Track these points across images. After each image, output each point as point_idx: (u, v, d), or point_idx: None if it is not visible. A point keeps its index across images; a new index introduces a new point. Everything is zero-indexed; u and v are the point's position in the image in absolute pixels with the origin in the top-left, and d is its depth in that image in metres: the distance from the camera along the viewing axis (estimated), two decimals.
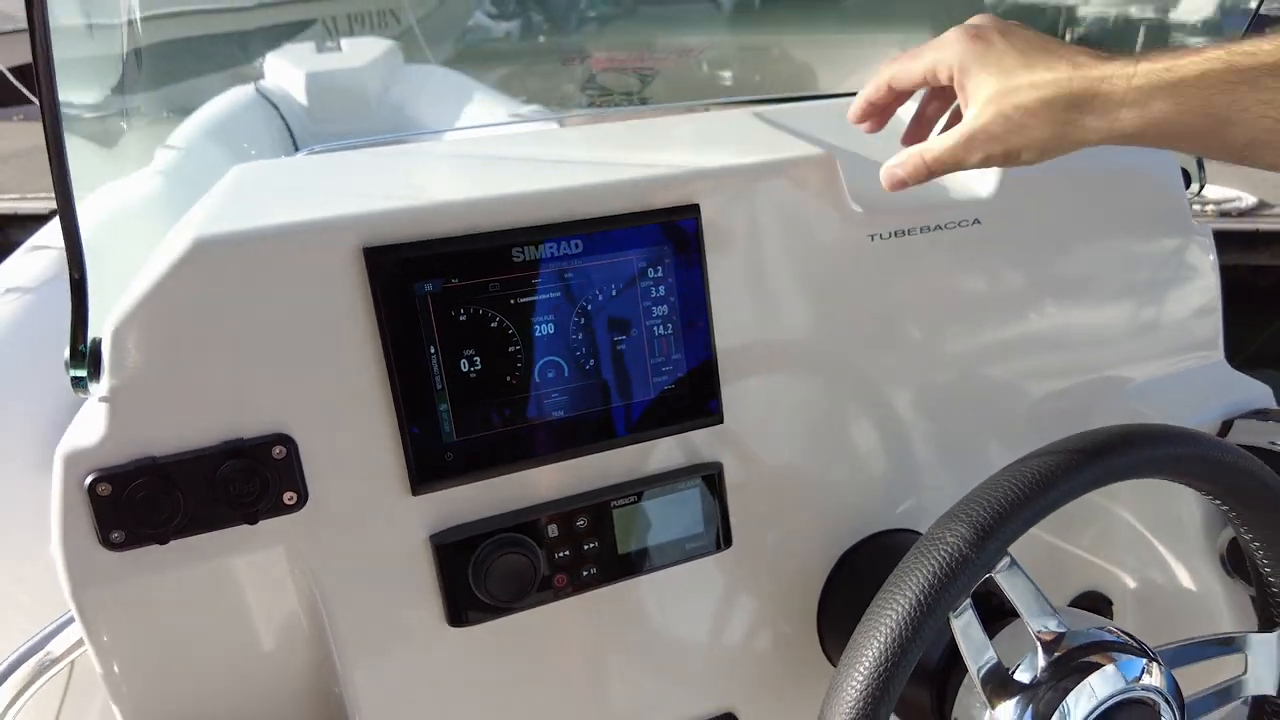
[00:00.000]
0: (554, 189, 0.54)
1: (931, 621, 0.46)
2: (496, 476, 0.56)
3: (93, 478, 0.49)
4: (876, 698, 0.45)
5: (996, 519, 0.47)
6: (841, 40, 1.46)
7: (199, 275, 0.48)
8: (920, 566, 0.47)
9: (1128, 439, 0.51)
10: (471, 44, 9.28)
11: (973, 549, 0.46)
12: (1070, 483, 0.48)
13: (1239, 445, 0.73)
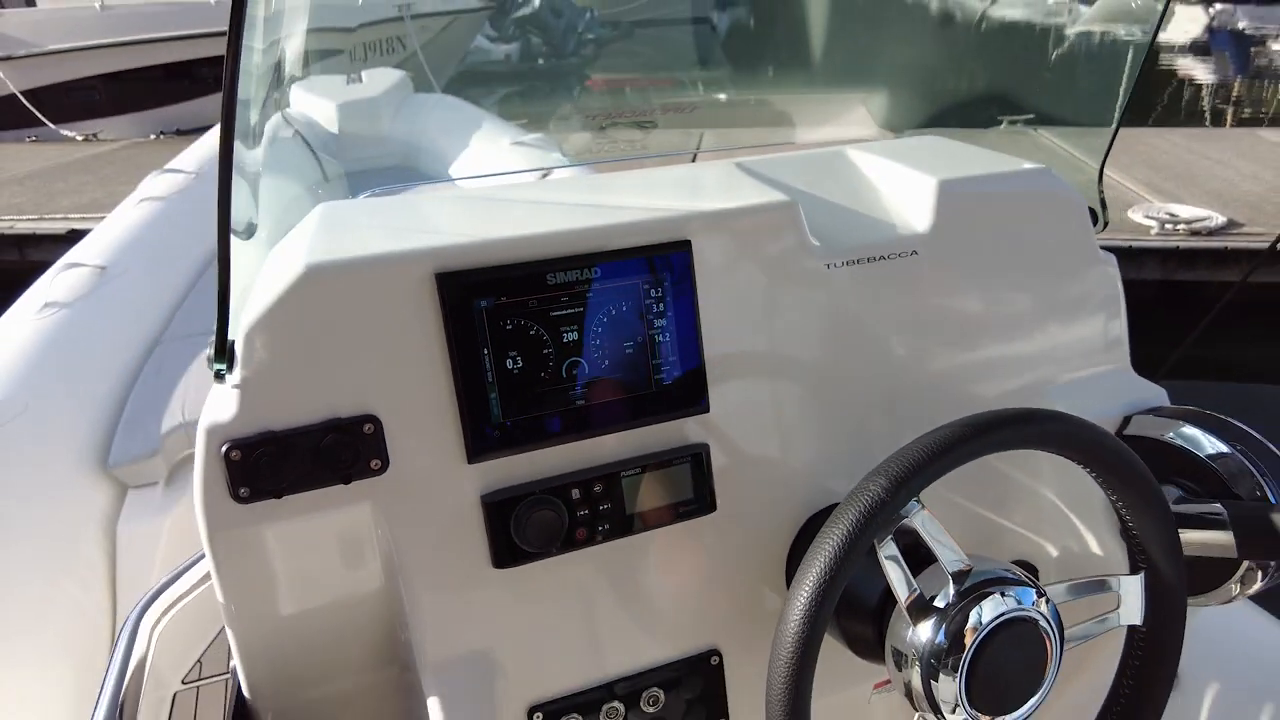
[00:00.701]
0: (578, 229, 0.67)
1: (858, 547, 0.58)
2: (533, 450, 0.68)
3: (226, 446, 0.61)
4: (820, 603, 0.57)
5: (906, 473, 0.59)
6: (810, 96, 1.59)
7: (310, 293, 0.60)
8: (849, 508, 0.59)
9: (1007, 418, 0.63)
10: (473, 66, 9.41)
11: (887, 494, 0.58)
12: (961, 450, 0.60)
13: (1137, 436, 0.85)
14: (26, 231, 4.42)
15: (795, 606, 0.58)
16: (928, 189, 0.79)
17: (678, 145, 4.80)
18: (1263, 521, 0.70)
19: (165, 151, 6.37)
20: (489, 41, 10.00)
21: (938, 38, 1.32)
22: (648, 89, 8.39)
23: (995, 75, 1.38)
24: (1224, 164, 4.90)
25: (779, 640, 0.58)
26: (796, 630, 0.57)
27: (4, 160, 6.00)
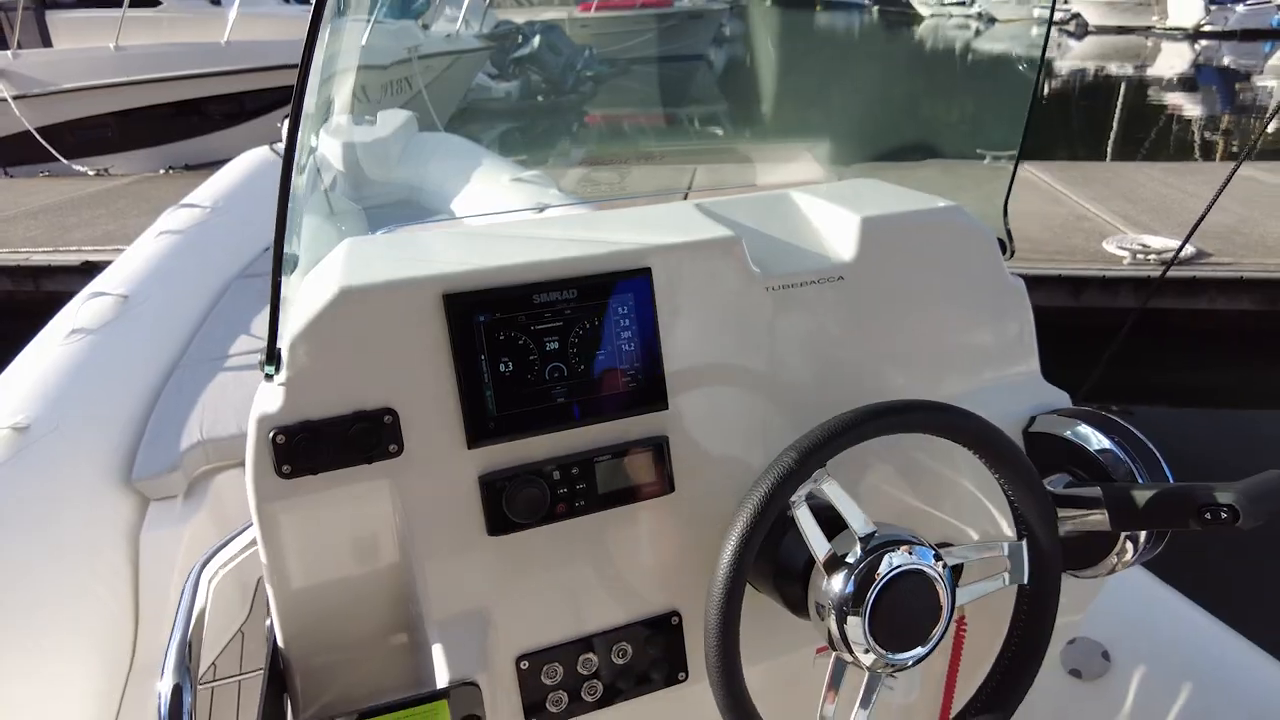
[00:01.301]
0: (558, 258, 0.81)
1: (773, 505, 0.71)
2: (521, 438, 0.81)
3: (273, 432, 0.74)
4: (743, 549, 0.71)
5: (812, 446, 0.72)
6: (768, 145, 1.73)
7: (343, 311, 0.74)
8: (768, 475, 0.72)
9: (898, 406, 0.76)
10: (474, 102, 9.64)
11: (796, 463, 0.71)
12: (857, 430, 0.73)
13: (1039, 432, 0.98)
14: (42, 263, 4.56)
15: (725, 551, 0.71)
16: (853, 224, 0.93)
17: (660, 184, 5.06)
18: (1129, 500, 0.83)
19: (173, 185, 6.57)
20: (489, 79, 10.32)
21: (870, 94, 1.48)
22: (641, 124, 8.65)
23: (925, 122, 1.53)
24: (1197, 197, 5.08)
25: (713, 581, 0.71)
26: (726, 567, 0.71)
27: (19, 194, 6.19)
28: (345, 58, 0.96)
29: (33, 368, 1.91)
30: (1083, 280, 3.88)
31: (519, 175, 2.90)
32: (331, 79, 0.96)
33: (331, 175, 3.27)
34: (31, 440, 1.68)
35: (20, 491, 1.59)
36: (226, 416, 1.85)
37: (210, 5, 7.97)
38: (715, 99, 11.60)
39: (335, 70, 1.02)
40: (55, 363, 1.93)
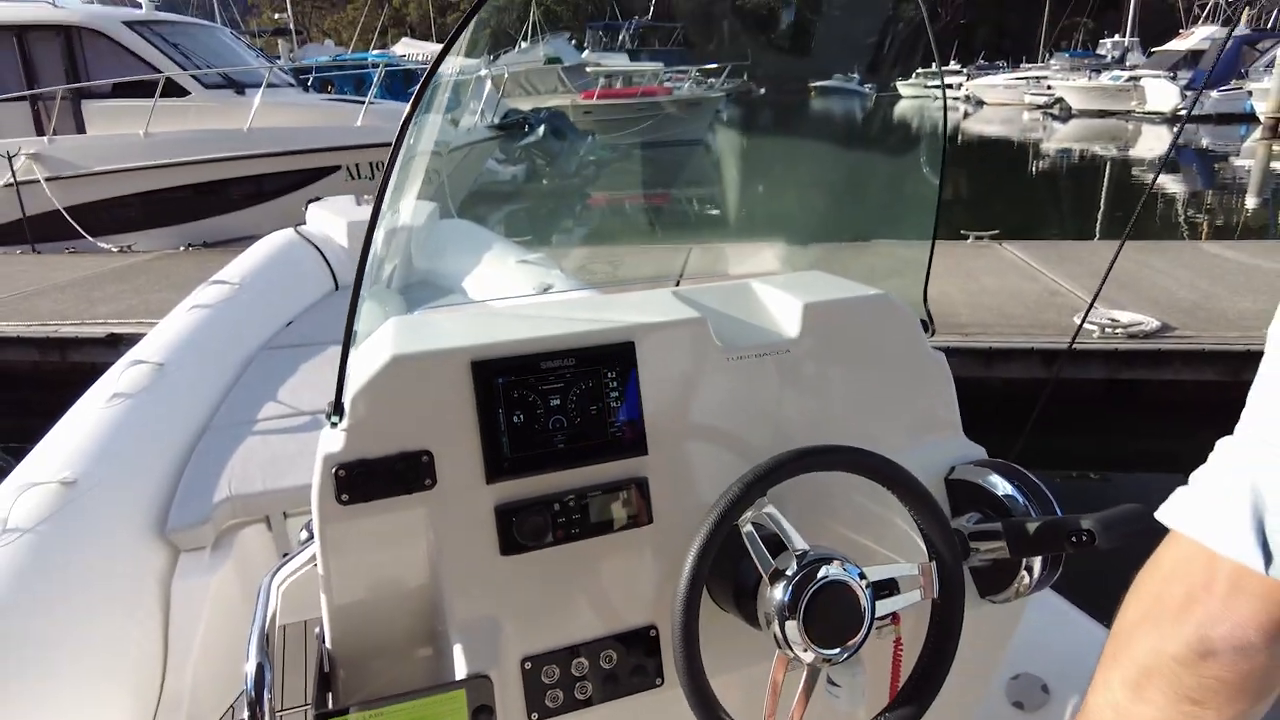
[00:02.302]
0: (560, 334, 1.02)
1: (724, 524, 0.89)
2: (529, 477, 1.00)
3: (336, 467, 0.93)
4: (700, 560, 0.88)
5: (755, 478, 0.91)
6: (736, 244, 1.92)
7: (394, 373, 0.94)
8: (719, 502, 0.90)
9: (825, 449, 0.95)
10: (482, 186, 10.08)
11: (742, 491, 0.90)
12: (792, 466, 0.92)
13: (957, 480, 1.16)
14: (69, 335, 4.79)
15: (686, 563, 0.89)
16: (797, 308, 1.14)
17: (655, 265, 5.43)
18: (1022, 531, 1.01)
19: (192, 262, 6.88)
20: (496, 163, 10.85)
21: (839, 180, 1.71)
22: (640, 206, 9.07)
23: (864, 215, 1.76)
24: (1165, 273, 5.35)
25: (677, 590, 0.89)
26: (687, 577, 0.88)
27: (47, 269, 6.49)
28: (415, 157, 1.17)
29: (79, 427, 2.10)
30: (1053, 352, 4.10)
31: (525, 258, 3.15)
32: (406, 172, 1.17)
33: (330, 251, 3.53)
34: (78, 494, 1.85)
35: (67, 540, 1.76)
36: (252, 476, 2.02)
37: (236, 95, 8.47)
38: (712, 181, 12.15)
39: (409, 167, 1.23)
40: (99, 423, 2.12)
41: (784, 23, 6.32)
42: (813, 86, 14.91)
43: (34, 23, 8.15)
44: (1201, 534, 0.55)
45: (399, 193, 1.04)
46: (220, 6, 40.35)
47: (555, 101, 13.94)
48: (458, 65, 0.98)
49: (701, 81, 16.23)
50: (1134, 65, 33.68)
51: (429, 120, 1.06)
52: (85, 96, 8.12)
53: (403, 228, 3.33)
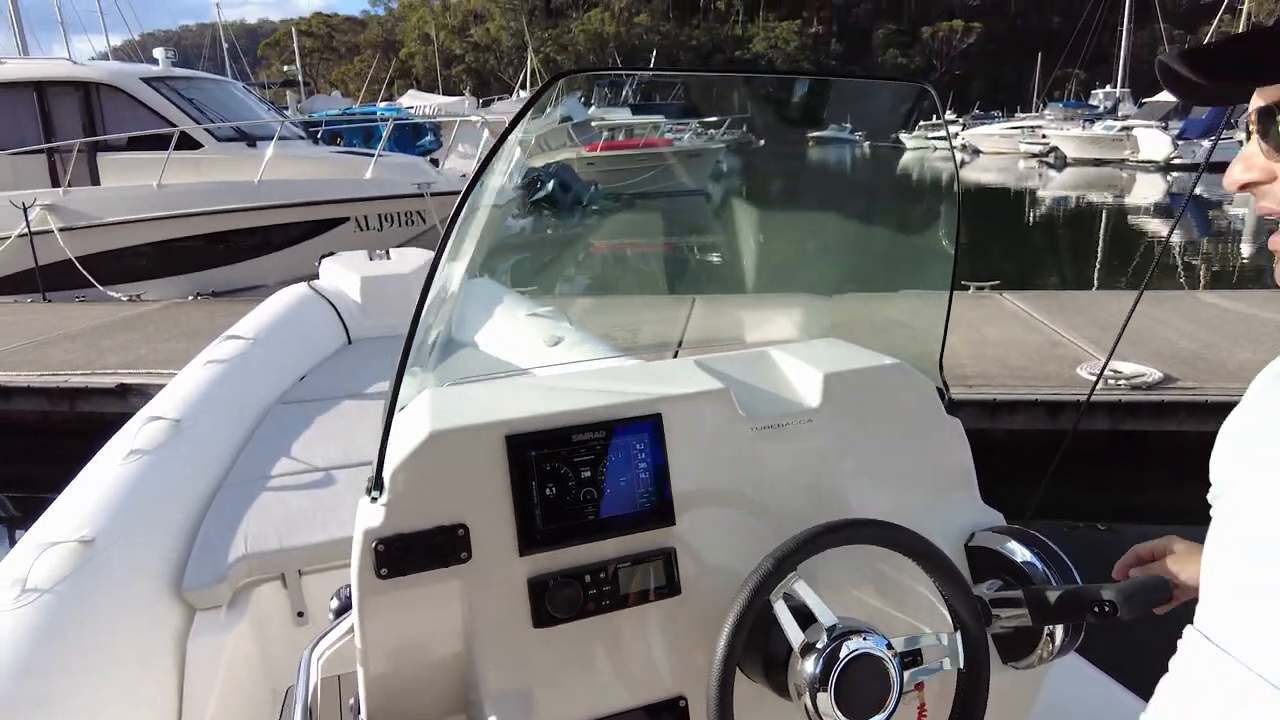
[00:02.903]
0: (591, 406, 1.05)
1: (756, 601, 0.90)
2: (562, 549, 1.02)
3: (375, 542, 0.95)
4: (734, 637, 0.89)
5: (785, 554, 0.93)
6: (752, 312, 1.95)
7: (432, 448, 0.97)
8: (751, 578, 0.92)
9: (851, 523, 0.98)
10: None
11: (773, 568, 0.92)
12: (822, 541, 0.94)
13: (977, 547, 1.18)
14: (79, 385, 4.83)
15: (720, 641, 0.90)
16: (818, 378, 1.17)
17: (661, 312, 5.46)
18: (1044, 600, 1.03)
19: (201, 311, 6.95)
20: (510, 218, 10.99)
21: (849, 231, 1.75)
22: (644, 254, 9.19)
23: (867, 267, 1.80)
24: (1165, 324, 5.40)
25: (712, 666, 0.90)
26: (721, 653, 0.90)
27: (58, 318, 6.56)
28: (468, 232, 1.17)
29: (97, 484, 2.12)
30: (1058, 404, 4.12)
31: (535, 311, 3.21)
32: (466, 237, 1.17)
33: (343, 305, 3.57)
34: (96, 552, 1.87)
35: (85, 600, 1.77)
36: (267, 533, 2.04)
37: (247, 147, 8.65)
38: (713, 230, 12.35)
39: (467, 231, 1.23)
40: (116, 480, 2.14)
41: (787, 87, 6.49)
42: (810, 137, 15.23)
43: (54, 79, 8.38)
44: None
45: (452, 262, 1.07)
46: (230, 59, 41.42)
47: (561, 153, 14.22)
48: (514, 143, 1.01)
49: (702, 133, 16.58)
50: (1125, 115, 34.36)
51: (484, 200, 1.10)
52: (101, 149, 8.30)
53: (449, 298, 3.39)
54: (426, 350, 1.23)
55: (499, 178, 1.09)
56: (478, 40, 64.39)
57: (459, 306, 3.59)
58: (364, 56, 66.07)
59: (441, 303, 1.20)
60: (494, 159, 0.99)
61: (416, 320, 0.98)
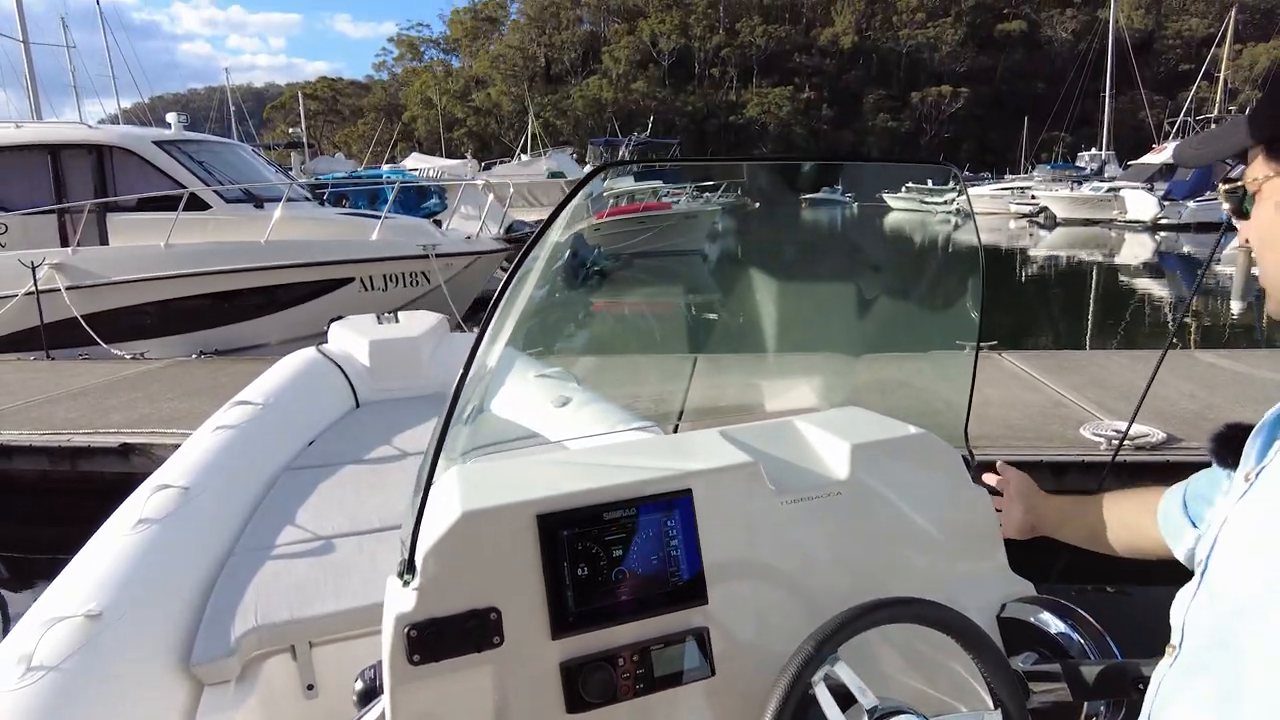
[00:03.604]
0: (623, 483, 1.06)
1: (798, 686, 0.90)
2: (595, 631, 1.01)
3: (408, 628, 0.95)
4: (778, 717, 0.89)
5: (825, 636, 0.93)
6: (772, 381, 1.97)
7: (463, 530, 0.98)
8: (792, 661, 0.92)
9: (889, 601, 0.98)
10: (489, 292, 10.30)
11: (814, 650, 0.92)
12: (860, 623, 0.94)
13: (1009, 618, 1.18)
14: (81, 445, 4.80)
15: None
16: (845, 449, 1.19)
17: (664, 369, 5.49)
18: (1083, 675, 1.03)
19: (204, 370, 6.97)
20: (501, 271, 11.17)
21: (856, 296, 1.78)
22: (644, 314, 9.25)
23: (865, 328, 1.82)
24: (1164, 383, 5.44)
25: None
26: None
27: (61, 376, 6.56)
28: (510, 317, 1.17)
29: (104, 555, 2.10)
30: (1063, 465, 4.13)
31: (542, 372, 3.23)
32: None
33: (351, 368, 3.58)
34: (104, 627, 1.83)
35: (93, 677, 1.73)
36: (277, 604, 2.01)
37: (255, 209, 8.80)
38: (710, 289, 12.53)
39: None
40: (124, 551, 2.12)
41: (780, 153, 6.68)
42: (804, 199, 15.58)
43: (69, 142, 8.56)
44: None
45: (491, 345, 1.08)
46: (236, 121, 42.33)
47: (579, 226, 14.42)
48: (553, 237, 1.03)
49: (697, 196, 16.93)
50: (1112, 177, 35.21)
51: (526, 286, 1.11)
52: (111, 210, 8.43)
53: (484, 375, 3.41)
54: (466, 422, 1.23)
55: (539, 263, 1.11)
56: (479, 105, 66.08)
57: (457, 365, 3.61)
58: (367, 119, 67.66)
59: (478, 381, 1.22)
60: (538, 246, 1.02)
61: (454, 406, 0.99)
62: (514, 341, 3.85)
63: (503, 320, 1.05)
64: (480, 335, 1.01)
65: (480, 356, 1.04)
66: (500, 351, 1.20)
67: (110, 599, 1.90)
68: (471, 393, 1.33)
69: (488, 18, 75.44)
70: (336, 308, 6.65)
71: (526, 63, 69.23)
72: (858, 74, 69.82)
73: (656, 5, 72.91)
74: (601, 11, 73.54)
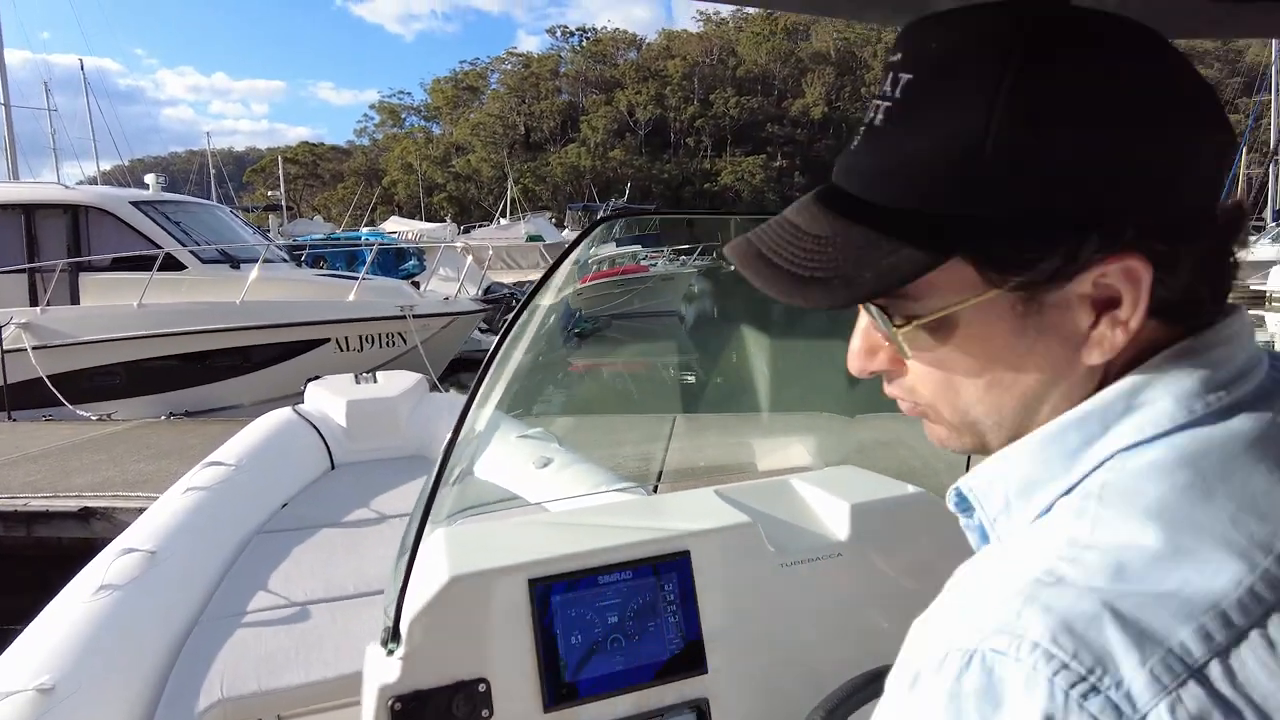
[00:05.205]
0: (618, 544, 1.02)
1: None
2: (590, 702, 0.96)
3: (390, 700, 0.89)
4: None
5: (832, 707, 0.89)
6: (750, 420, 1.98)
7: (452, 595, 0.93)
8: None
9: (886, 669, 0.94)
10: (466, 353, 10.24)
11: None
12: (867, 692, 0.91)
13: None
14: (40, 509, 4.62)
15: None
16: (844, 510, 1.17)
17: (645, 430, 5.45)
18: None
19: (173, 431, 6.79)
20: (480, 333, 11.17)
21: (785, 370, 1.80)
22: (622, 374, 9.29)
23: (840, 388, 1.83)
24: None
25: None
26: None
27: (20, 438, 6.35)
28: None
29: (61, 623, 1.99)
30: None
31: (524, 433, 3.18)
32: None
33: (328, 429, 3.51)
34: (55, 703, 1.72)
35: None
36: (245, 675, 1.91)
37: (231, 269, 8.75)
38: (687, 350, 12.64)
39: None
40: (82, 619, 2.01)
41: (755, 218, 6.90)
42: None
43: (44, 202, 8.51)
44: None
45: (479, 409, 1.06)
46: (216, 183, 42.55)
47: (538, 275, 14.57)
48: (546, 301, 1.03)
49: (674, 259, 17.22)
50: None
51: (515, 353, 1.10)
52: (84, 269, 8.33)
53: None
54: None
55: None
56: (459, 170, 67.16)
57: (437, 424, 3.54)
58: (348, 184, 68.37)
59: (467, 442, 1.19)
60: (533, 302, 1.01)
61: (444, 465, 0.96)
62: (500, 403, 3.82)
63: (494, 380, 1.03)
64: (472, 395, 0.99)
65: (471, 417, 1.01)
66: (489, 414, 1.18)
67: (64, 671, 1.80)
68: (460, 454, 1.29)
69: (468, 87, 77.36)
70: (311, 368, 6.56)
71: (506, 130, 70.82)
72: (828, 143, 72.19)
73: (633, 77, 75.33)
74: (580, 83, 75.81)
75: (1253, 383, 0.43)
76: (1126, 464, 0.41)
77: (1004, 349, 0.45)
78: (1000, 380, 0.46)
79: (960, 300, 0.44)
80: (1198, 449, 0.39)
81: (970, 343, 0.45)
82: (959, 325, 0.45)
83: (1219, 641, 0.34)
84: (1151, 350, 0.44)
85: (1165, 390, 0.42)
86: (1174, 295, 0.42)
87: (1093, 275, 0.41)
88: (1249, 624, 0.34)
